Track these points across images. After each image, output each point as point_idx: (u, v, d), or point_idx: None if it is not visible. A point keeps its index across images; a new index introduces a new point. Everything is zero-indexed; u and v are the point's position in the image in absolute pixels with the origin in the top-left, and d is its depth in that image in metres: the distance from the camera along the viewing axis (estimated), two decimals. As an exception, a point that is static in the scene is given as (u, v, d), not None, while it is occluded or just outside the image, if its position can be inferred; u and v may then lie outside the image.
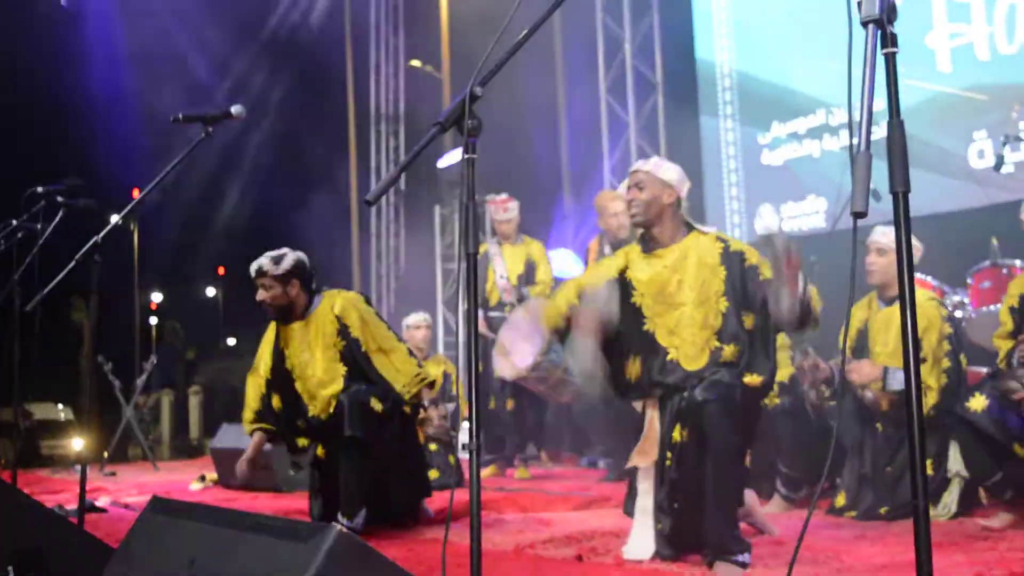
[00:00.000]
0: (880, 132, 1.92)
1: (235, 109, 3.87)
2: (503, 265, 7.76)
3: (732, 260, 4.06)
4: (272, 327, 5.31)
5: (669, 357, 4.02)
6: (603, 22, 10.82)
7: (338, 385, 5.05)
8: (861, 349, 5.38)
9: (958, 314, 5.98)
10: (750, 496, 4.42)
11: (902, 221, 1.77)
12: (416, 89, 12.93)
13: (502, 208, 7.85)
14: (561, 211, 10.68)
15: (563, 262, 9.08)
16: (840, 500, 5.29)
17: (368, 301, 5.41)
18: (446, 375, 7.64)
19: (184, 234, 18.28)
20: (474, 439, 2.33)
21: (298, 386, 5.16)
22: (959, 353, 5.08)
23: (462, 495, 5.40)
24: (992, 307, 5.68)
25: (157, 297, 25.46)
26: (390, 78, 13.15)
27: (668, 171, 4.23)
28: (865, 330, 5.42)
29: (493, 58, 2.47)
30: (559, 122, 11.34)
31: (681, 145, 9.92)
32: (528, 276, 7.76)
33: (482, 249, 8.04)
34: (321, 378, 5.10)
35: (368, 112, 13.16)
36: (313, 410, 5.10)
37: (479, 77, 2.45)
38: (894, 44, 1.81)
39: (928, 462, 5.03)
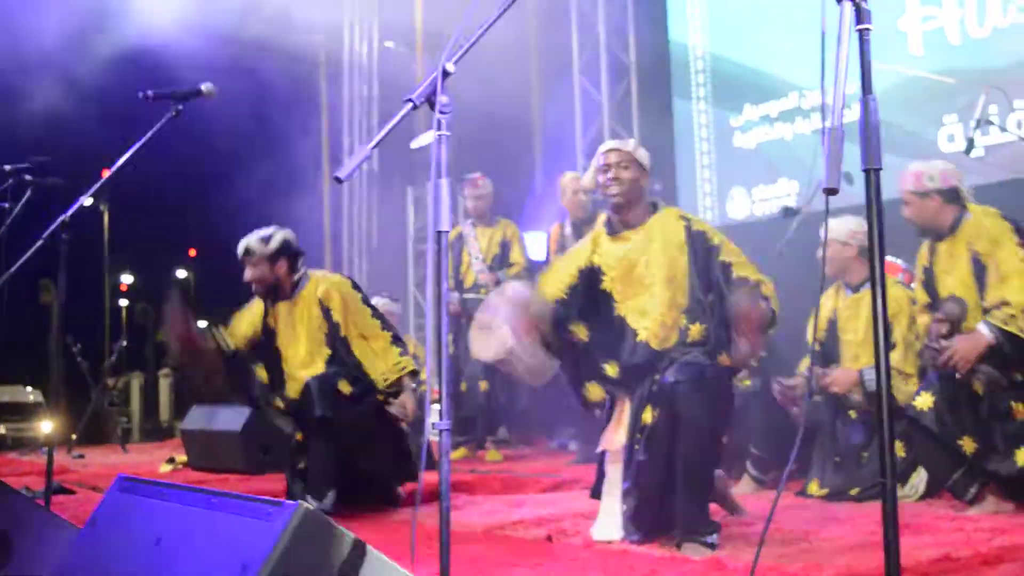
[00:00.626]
0: (852, 115, 1.91)
1: (205, 87, 3.84)
2: (477, 247, 7.75)
3: (696, 239, 4.09)
4: (259, 303, 5.28)
5: (638, 338, 4.04)
6: (577, 3, 10.77)
7: (318, 368, 5.04)
8: (833, 339, 5.41)
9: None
10: (721, 477, 4.44)
11: (873, 199, 1.77)
12: (389, 70, 12.85)
13: (476, 184, 7.83)
14: (533, 193, 10.65)
15: (538, 244, 9.07)
16: (812, 483, 5.32)
17: (356, 287, 5.38)
18: (415, 358, 7.62)
19: (156, 215, 18.16)
20: (444, 419, 2.32)
21: (283, 364, 5.15)
22: None
23: (433, 477, 5.39)
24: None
25: (128, 279, 25.29)
26: (363, 58, 13.06)
27: (643, 154, 4.27)
28: (835, 319, 5.45)
29: (466, 36, 2.46)
30: (532, 104, 11.31)
31: (654, 127, 9.90)
32: (503, 257, 7.74)
33: (456, 231, 8.03)
34: (303, 359, 5.09)
35: (341, 92, 13.08)
36: (290, 391, 5.08)
37: (451, 54, 2.43)
38: (868, 21, 1.80)
39: (899, 444, 5.07)
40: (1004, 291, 4.46)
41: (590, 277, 4.22)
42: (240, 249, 5.08)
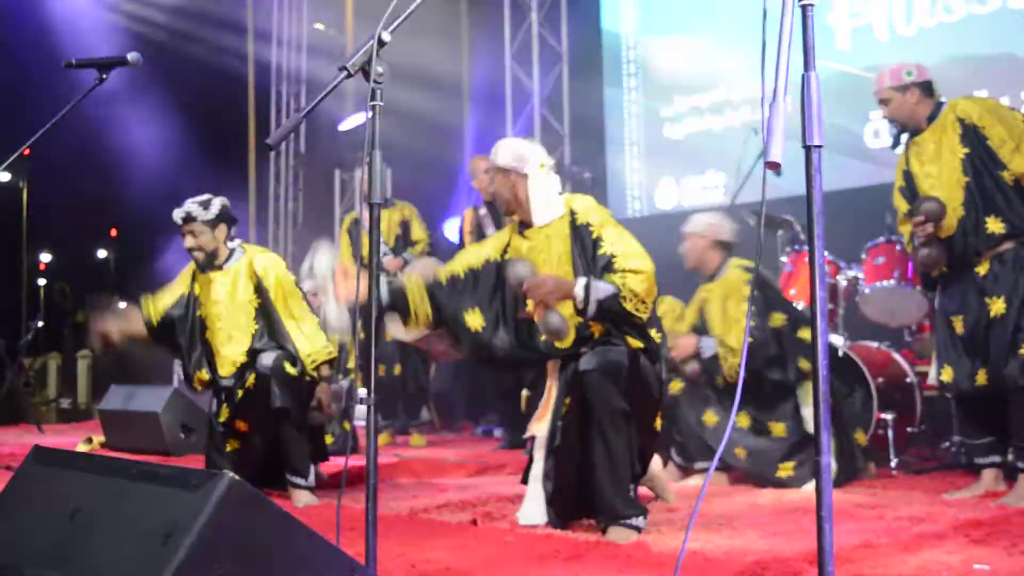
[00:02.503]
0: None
1: (131, 56, 3.72)
2: (378, 230, 7.66)
3: (580, 232, 4.06)
4: (186, 275, 5.17)
5: (543, 338, 4.01)
6: (510, -10, 10.76)
7: (244, 344, 4.96)
8: (703, 324, 5.52)
9: (851, 288, 6.10)
10: (655, 462, 4.45)
11: (814, 176, 1.76)
12: (319, 51, 12.71)
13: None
14: (463, 177, 10.61)
15: (455, 229, 9.08)
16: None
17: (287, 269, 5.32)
18: (341, 345, 7.56)
19: (76, 194, 17.77)
20: (371, 396, 2.29)
21: (208, 336, 5.05)
22: (770, 313, 5.23)
23: (357, 461, 5.35)
24: (886, 283, 5.79)
25: (46, 258, 24.77)
26: (293, 38, 12.90)
27: (504, 155, 4.20)
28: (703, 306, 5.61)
29: (401, 6, 2.42)
30: (463, 89, 11.26)
31: (585, 116, 9.92)
32: (405, 237, 7.69)
33: (351, 217, 7.98)
34: (230, 333, 4.99)
35: (269, 72, 12.91)
36: (221, 369, 4.99)
37: (387, 23, 2.39)
38: (812, -4, 1.80)
39: (781, 426, 5.18)
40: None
41: (498, 271, 4.18)
42: (179, 215, 4.96)
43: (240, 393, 4.91)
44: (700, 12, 8.69)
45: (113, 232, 25.40)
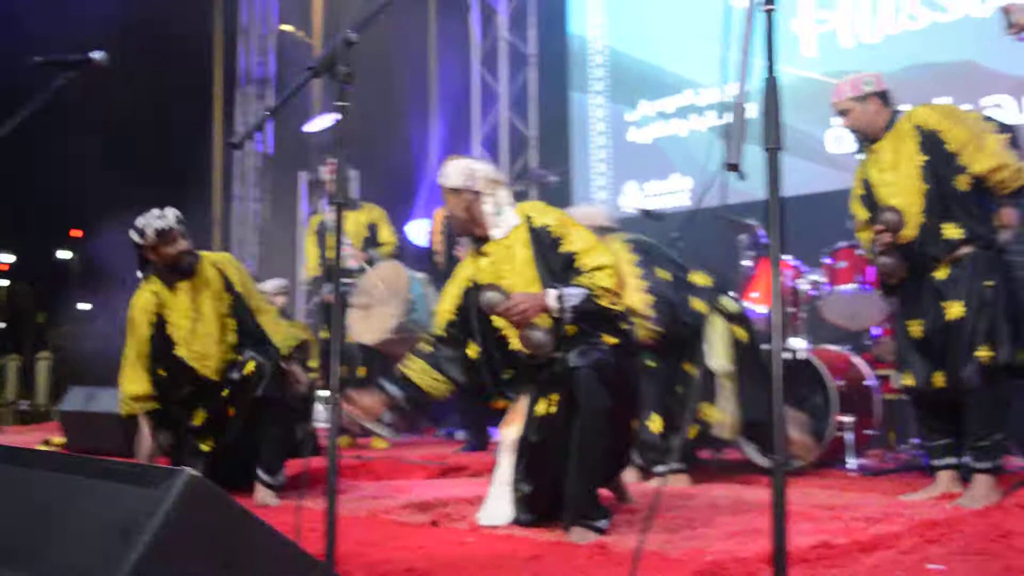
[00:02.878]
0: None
1: (97, 55, 3.69)
2: (344, 231, 7.67)
3: (539, 235, 4.12)
4: (140, 302, 5.08)
5: (511, 347, 4.06)
6: (478, -7, 10.78)
7: (231, 339, 4.96)
8: None
9: (813, 292, 6.15)
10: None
11: (774, 179, 1.78)
12: (286, 53, 12.68)
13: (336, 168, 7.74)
14: (428, 180, 10.62)
15: (420, 231, 9.08)
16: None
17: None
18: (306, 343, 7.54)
19: (39, 195, 17.63)
20: (334, 392, 2.29)
21: (181, 351, 4.97)
22: (654, 268, 5.34)
23: (317, 463, 5.33)
24: (847, 287, 5.84)
25: (8, 259, 24.54)
26: (260, 40, 12.85)
27: (454, 176, 4.25)
28: None
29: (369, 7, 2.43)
30: (429, 92, 11.26)
31: (551, 120, 9.95)
32: (372, 240, 7.69)
33: (317, 219, 7.96)
34: (215, 334, 4.96)
35: (235, 74, 12.86)
36: (206, 371, 4.95)
37: (355, 24, 2.40)
38: (773, 1, 1.82)
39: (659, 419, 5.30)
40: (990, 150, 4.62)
41: (471, 294, 4.22)
42: (162, 227, 4.88)
43: (226, 390, 4.90)
44: (666, 17, 8.74)
45: (75, 233, 25.21)
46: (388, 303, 6.73)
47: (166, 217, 4.90)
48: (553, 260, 4.03)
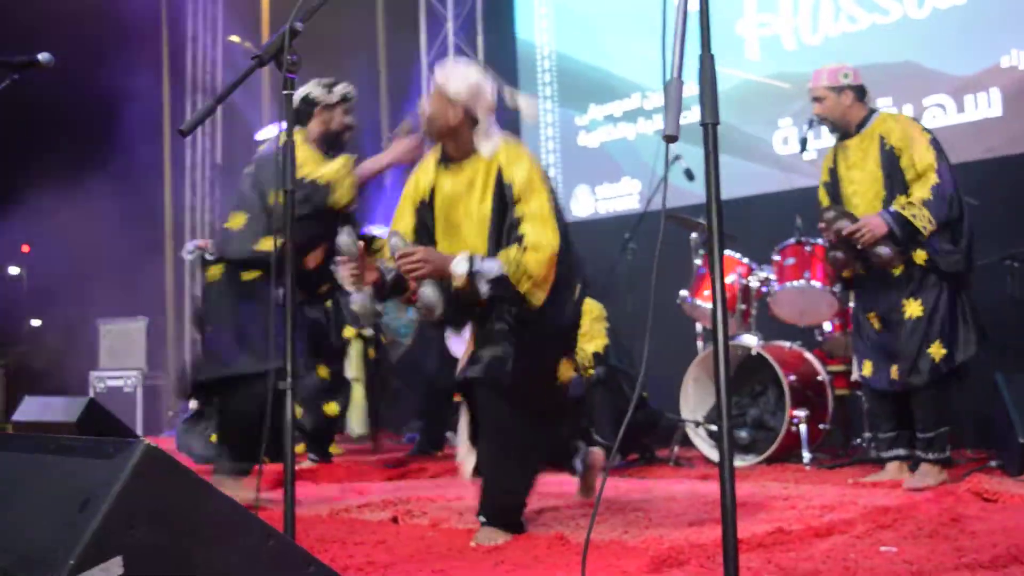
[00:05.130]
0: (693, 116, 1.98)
1: (43, 57, 3.69)
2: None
3: (503, 188, 3.70)
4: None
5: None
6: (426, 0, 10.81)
7: None
8: None
9: (764, 289, 6.24)
10: (596, 454, 4.43)
11: (711, 152, 1.83)
12: (234, 62, 12.62)
13: None
14: (383, 192, 10.62)
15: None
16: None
17: None
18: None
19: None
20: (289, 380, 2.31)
21: None
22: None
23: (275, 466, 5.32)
24: (795, 283, 5.92)
25: (-44, 276, 24.14)
26: (207, 49, 12.80)
27: (457, 85, 3.79)
28: None
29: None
30: (380, 99, 11.26)
31: (501, 124, 9.93)
32: None
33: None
34: None
35: (183, 83, 12.79)
36: None
37: (299, 13, 2.43)
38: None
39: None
40: (918, 189, 4.77)
41: (423, 212, 3.89)
42: (344, 93, 4.90)
43: None
44: (613, 23, 8.81)
45: (25, 248, 24.85)
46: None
47: (351, 88, 4.88)
48: (507, 218, 3.65)
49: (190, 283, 12.09)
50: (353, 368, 7.36)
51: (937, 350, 4.73)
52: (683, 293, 6.32)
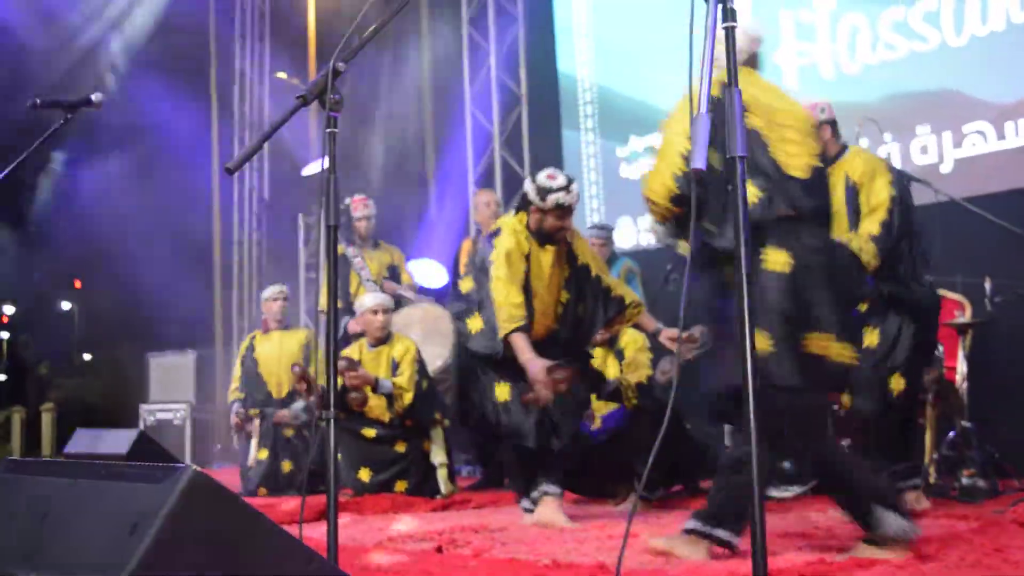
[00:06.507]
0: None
1: (95, 96, 3.80)
2: (368, 271, 7.74)
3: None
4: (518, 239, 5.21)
5: None
6: (469, 35, 10.91)
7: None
8: None
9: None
10: None
11: (739, 185, 1.88)
12: (281, 99, 12.81)
13: (362, 205, 7.85)
14: (426, 220, 10.72)
15: (426, 271, 9.11)
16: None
17: None
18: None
19: (38, 246, 17.70)
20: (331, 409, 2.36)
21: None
22: None
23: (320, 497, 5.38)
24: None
25: (9, 310, 24.58)
26: (255, 86, 13.00)
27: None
28: None
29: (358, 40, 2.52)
30: (425, 131, 11.38)
31: (544, 157, 10.04)
32: (393, 281, 7.78)
33: (340, 250, 8.01)
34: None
35: (231, 120, 12.98)
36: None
37: (342, 53, 2.50)
38: (733, 19, 1.93)
39: None
40: (867, 223, 4.90)
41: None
42: (560, 203, 5.01)
43: None
44: (652, 55, 8.87)
45: (77, 284, 25.27)
46: (432, 342, 6.77)
47: (572, 193, 5.01)
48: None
49: (237, 318, 12.25)
50: None
51: (897, 382, 4.81)
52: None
